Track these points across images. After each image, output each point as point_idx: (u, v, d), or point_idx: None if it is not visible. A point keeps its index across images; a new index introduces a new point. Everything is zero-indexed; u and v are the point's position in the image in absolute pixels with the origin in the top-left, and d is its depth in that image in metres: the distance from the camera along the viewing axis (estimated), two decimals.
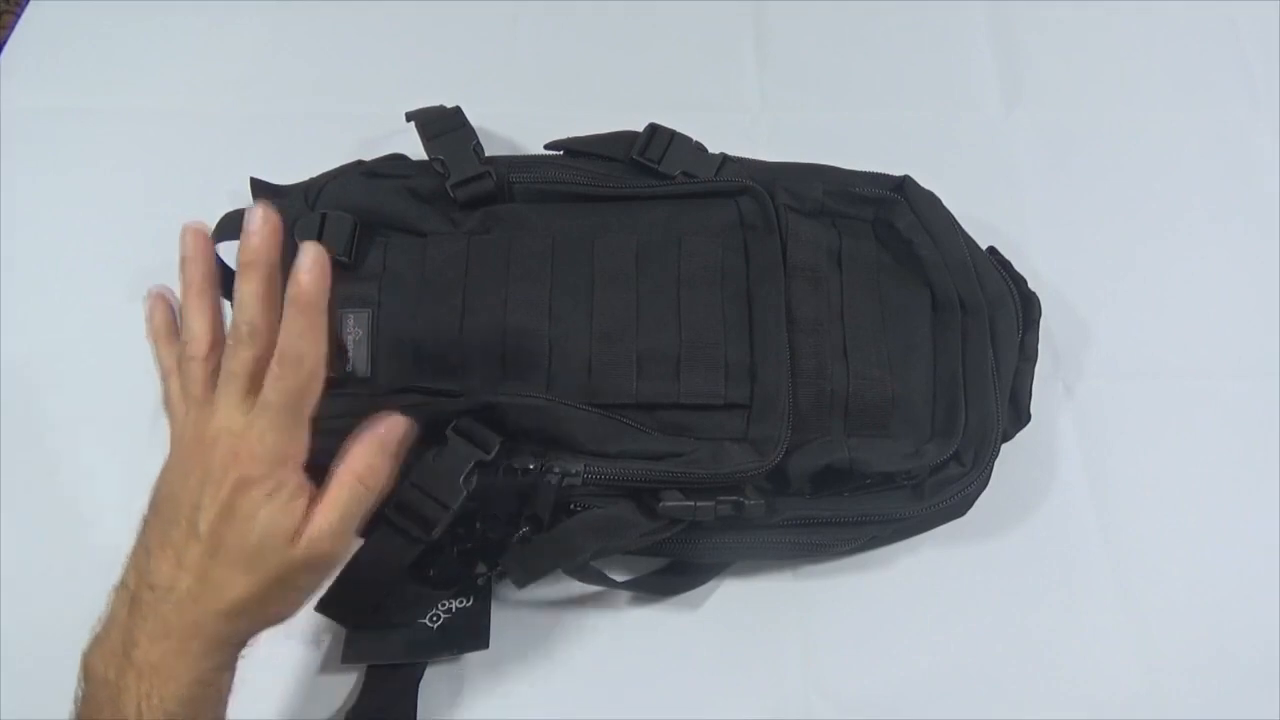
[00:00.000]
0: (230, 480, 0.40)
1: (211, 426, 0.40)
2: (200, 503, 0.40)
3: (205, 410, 0.41)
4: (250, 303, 0.41)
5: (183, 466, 0.41)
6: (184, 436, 0.42)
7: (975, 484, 0.52)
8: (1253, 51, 0.73)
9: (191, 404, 0.42)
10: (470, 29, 0.73)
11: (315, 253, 0.40)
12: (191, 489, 0.40)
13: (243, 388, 0.40)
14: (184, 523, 0.40)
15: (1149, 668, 0.53)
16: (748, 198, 0.55)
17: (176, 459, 0.42)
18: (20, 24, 0.73)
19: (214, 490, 0.40)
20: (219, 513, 0.40)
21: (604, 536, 0.49)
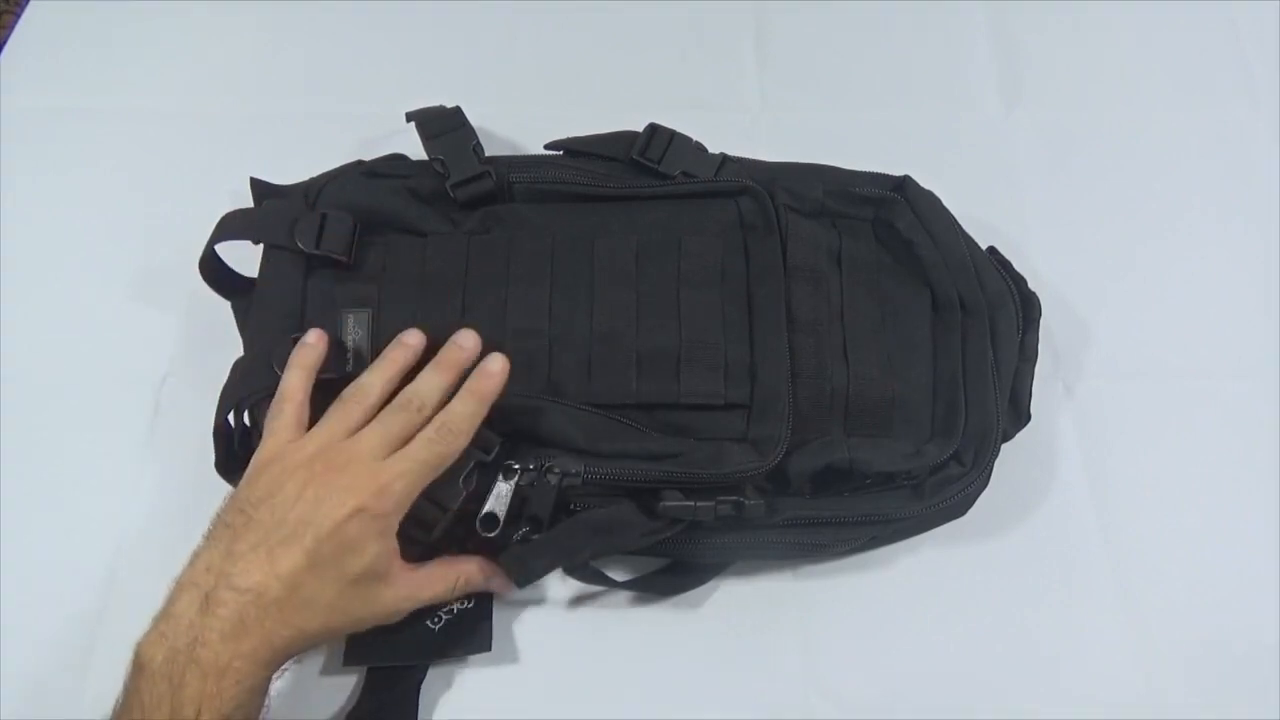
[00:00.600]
0: (351, 504, 0.42)
1: (346, 454, 0.44)
2: (311, 518, 0.42)
3: (340, 443, 0.44)
4: (434, 393, 0.47)
5: (297, 480, 0.43)
6: (301, 453, 0.44)
7: (975, 484, 0.52)
8: (1253, 51, 0.73)
9: (328, 430, 0.45)
10: (470, 29, 0.73)
11: (504, 364, 0.48)
12: (304, 502, 0.42)
13: (392, 446, 0.45)
14: (288, 532, 0.41)
15: (1149, 668, 0.53)
16: (748, 198, 0.55)
17: (285, 472, 0.43)
18: (20, 24, 0.73)
19: (331, 508, 0.42)
20: (330, 530, 0.42)
21: (604, 536, 0.49)
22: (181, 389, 0.59)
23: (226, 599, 0.40)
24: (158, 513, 0.56)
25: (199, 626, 0.40)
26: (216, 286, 0.56)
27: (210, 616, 0.40)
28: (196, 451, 0.52)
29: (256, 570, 0.41)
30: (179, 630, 0.40)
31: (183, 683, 0.39)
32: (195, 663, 0.39)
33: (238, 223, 0.56)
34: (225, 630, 0.40)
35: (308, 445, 0.45)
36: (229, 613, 0.40)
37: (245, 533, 0.42)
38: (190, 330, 0.61)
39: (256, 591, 0.40)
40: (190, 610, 0.40)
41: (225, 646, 0.40)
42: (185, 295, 0.61)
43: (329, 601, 0.42)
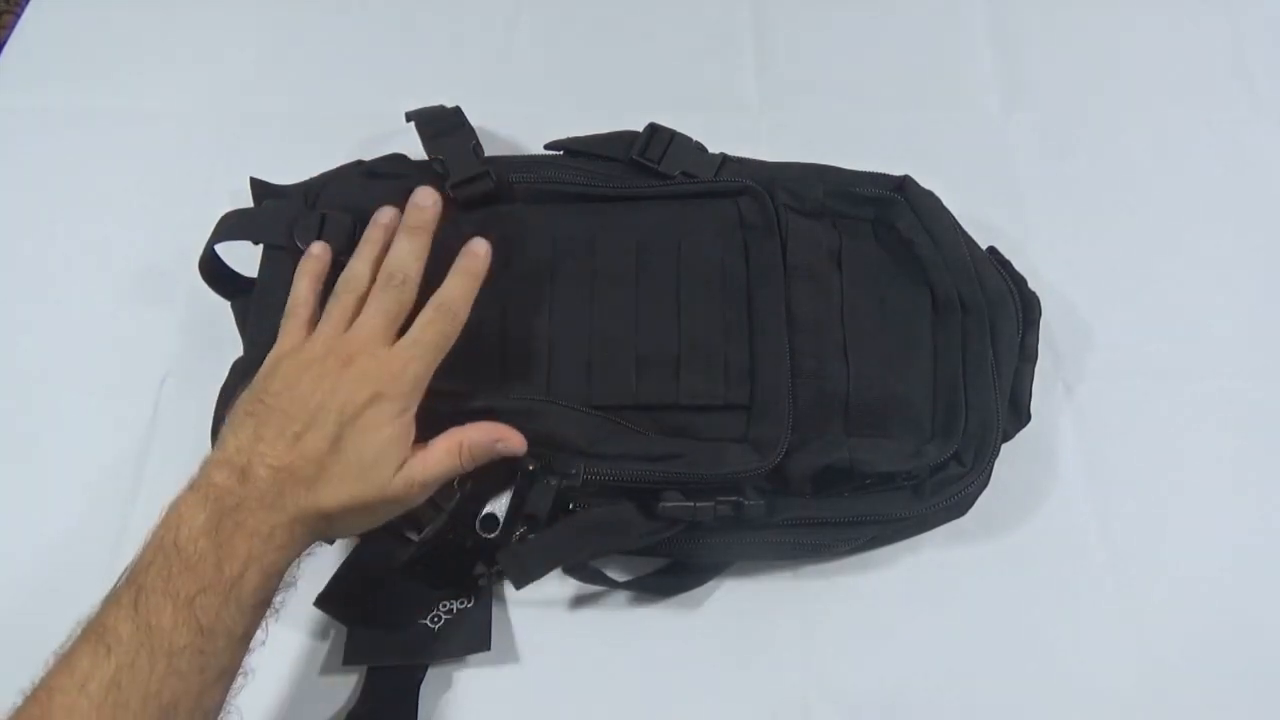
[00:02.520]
0: (368, 392, 0.44)
1: (351, 346, 0.45)
2: (330, 405, 0.43)
3: (343, 334, 0.46)
4: (409, 259, 0.48)
5: (312, 373, 0.45)
6: (312, 350, 0.46)
7: (975, 484, 0.52)
8: (1253, 51, 0.73)
9: (330, 326, 0.47)
10: (470, 29, 0.73)
11: (487, 245, 0.49)
12: (322, 392, 0.44)
13: (390, 324, 0.46)
14: (309, 418, 0.43)
15: (1149, 668, 0.53)
16: (747, 198, 0.55)
17: (300, 366, 0.45)
18: (20, 24, 0.73)
19: (348, 396, 0.44)
20: (351, 415, 0.43)
21: (604, 536, 0.49)
22: (181, 389, 0.59)
23: (262, 474, 0.42)
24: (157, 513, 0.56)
25: (240, 494, 0.41)
26: (216, 286, 0.56)
27: (249, 486, 0.42)
28: (196, 451, 0.51)
29: (285, 453, 0.43)
30: (221, 495, 0.41)
31: (229, 541, 0.40)
32: (240, 525, 0.41)
33: (237, 223, 0.56)
34: (265, 499, 0.42)
35: (316, 342, 0.46)
36: (266, 485, 0.42)
37: (269, 419, 0.43)
38: (190, 330, 0.61)
39: (289, 469, 0.42)
40: (230, 480, 0.42)
41: (266, 514, 0.41)
42: (185, 295, 0.61)
43: (350, 483, 0.43)
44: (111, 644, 0.38)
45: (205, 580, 0.40)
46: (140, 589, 0.39)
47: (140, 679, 0.37)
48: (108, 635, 0.38)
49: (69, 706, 0.37)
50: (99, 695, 0.37)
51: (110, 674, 0.37)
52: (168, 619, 0.39)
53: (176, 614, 0.39)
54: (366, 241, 0.50)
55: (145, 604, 0.39)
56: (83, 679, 0.37)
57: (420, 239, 0.48)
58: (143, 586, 0.39)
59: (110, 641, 0.38)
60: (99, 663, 0.38)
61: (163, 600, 0.39)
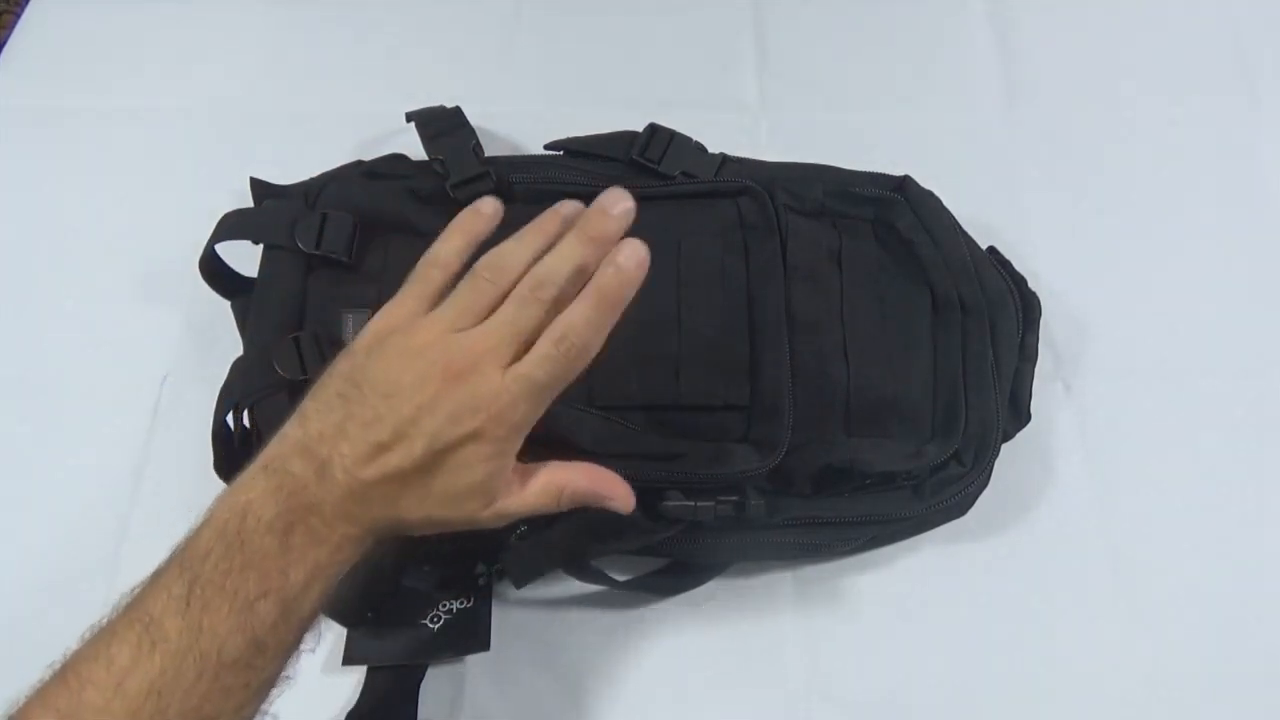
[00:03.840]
0: (468, 427, 0.38)
1: (467, 357, 0.39)
2: (424, 424, 0.38)
3: (459, 335, 0.39)
4: (565, 270, 0.40)
5: (416, 370, 0.39)
6: (424, 338, 0.40)
7: (975, 484, 0.52)
8: (1253, 51, 0.73)
9: (454, 314, 0.40)
10: (470, 29, 0.73)
11: (644, 255, 0.40)
12: (420, 401, 0.38)
13: (516, 342, 0.39)
14: (399, 429, 0.38)
15: (1149, 668, 0.53)
16: (747, 198, 0.55)
17: (407, 356, 0.39)
18: (20, 24, 0.73)
19: (446, 423, 0.38)
20: (444, 446, 0.38)
21: (604, 536, 0.49)
22: (181, 389, 0.59)
23: (340, 477, 0.38)
24: (158, 513, 0.56)
25: (316, 494, 0.37)
26: (216, 286, 0.56)
27: (326, 487, 0.38)
28: (196, 451, 0.52)
29: (368, 461, 0.38)
30: (297, 491, 0.37)
31: (300, 547, 0.37)
32: (312, 532, 0.37)
33: (238, 223, 0.56)
34: (341, 509, 0.38)
35: (432, 328, 0.40)
36: (342, 489, 0.38)
37: (358, 411, 0.39)
38: (190, 330, 0.61)
39: (367, 480, 0.38)
40: (308, 474, 0.38)
41: (340, 524, 0.38)
42: (185, 295, 0.61)
43: (433, 506, 0.39)
44: (157, 640, 0.34)
45: (268, 584, 0.36)
46: (195, 580, 0.35)
47: (183, 688, 0.34)
48: (153, 629, 0.35)
49: (101, 707, 0.33)
50: (136, 699, 0.34)
51: (152, 677, 0.34)
52: (222, 623, 0.35)
53: (233, 618, 0.35)
54: (537, 229, 0.43)
55: (199, 599, 0.35)
56: (120, 675, 0.34)
57: (590, 250, 0.41)
58: (198, 578, 0.36)
59: (156, 637, 0.34)
60: (140, 660, 0.34)
61: (219, 599, 0.35)
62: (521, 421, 0.40)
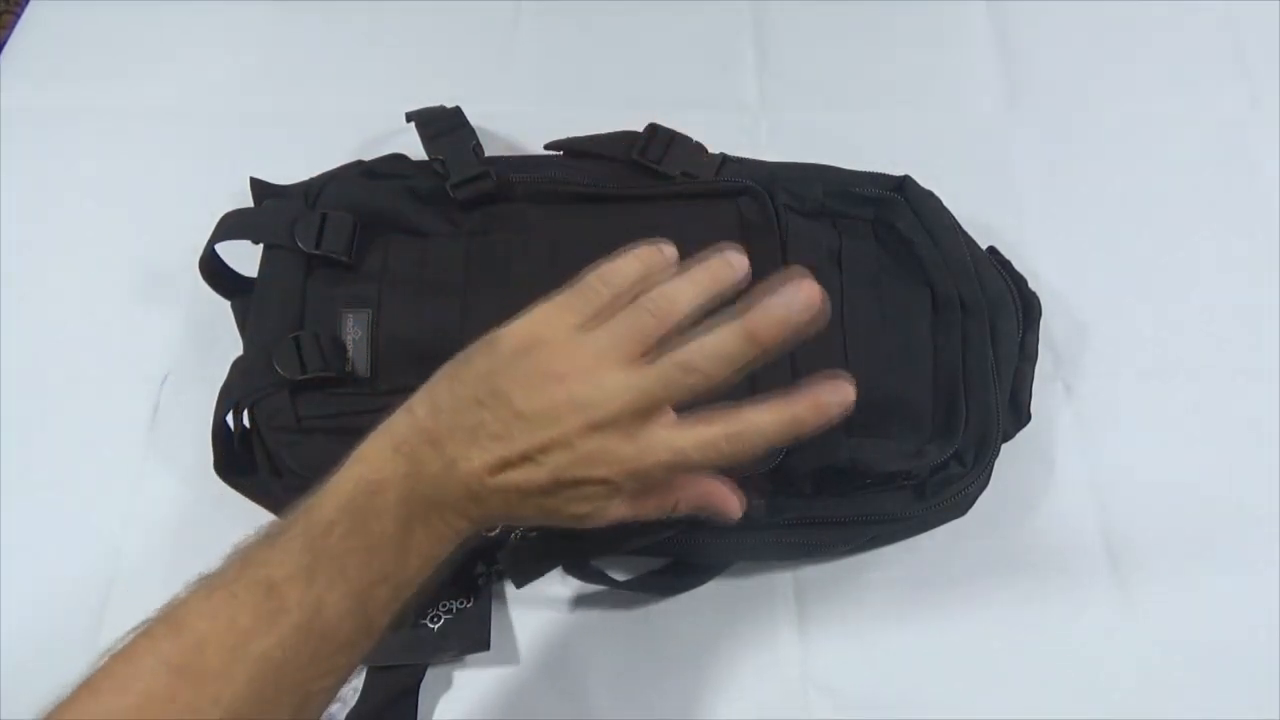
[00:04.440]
0: (601, 472, 0.37)
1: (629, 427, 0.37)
2: (557, 455, 0.37)
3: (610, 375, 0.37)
4: (736, 361, 0.38)
5: (563, 393, 0.37)
6: (579, 360, 0.37)
7: (975, 484, 0.52)
8: (1253, 51, 0.73)
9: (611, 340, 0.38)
10: (470, 29, 0.73)
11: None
12: (557, 436, 0.37)
13: (668, 400, 0.38)
14: (530, 449, 0.37)
15: (1149, 667, 0.53)
16: (747, 198, 0.55)
17: (556, 374, 0.37)
18: (20, 24, 0.73)
19: (581, 465, 0.37)
20: (573, 481, 0.37)
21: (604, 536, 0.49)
22: (181, 389, 0.59)
23: (463, 476, 0.37)
24: (158, 512, 0.56)
25: (439, 485, 0.37)
26: (216, 286, 0.56)
27: (451, 486, 0.37)
28: (196, 451, 0.52)
29: (491, 470, 0.37)
30: (423, 479, 0.37)
31: (418, 536, 0.37)
32: (429, 524, 0.37)
33: (238, 222, 0.56)
34: (458, 505, 0.38)
35: (587, 348, 0.38)
36: (462, 489, 0.37)
37: (492, 422, 0.37)
38: (190, 330, 0.61)
39: (490, 486, 0.37)
40: (436, 465, 0.37)
41: (454, 519, 0.38)
42: (185, 295, 0.61)
43: (544, 516, 0.39)
44: (279, 610, 0.34)
45: (386, 571, 0.36)
46: (319, 554, 0.35)
47: (300, 663, 0.34)
48: (275, 595, 0.34)
49: (220, 671, 0.32)
50: (254, 665, 0.33)
51: (272, 646, 0.33)
52: (341, 603, 0.34)
53: (350, 601, 0.35)
54: (708, 273, 0.39)
55: (323, 575, 0.34)
56: (240, 638, 0.33)
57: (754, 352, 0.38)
58: (322, 551, 0.35)
59: (277, 606, 0.34)
60: (260, 627, 0.33)
61: (340, 579, 0.35)
62: (652, 482, 0.39)
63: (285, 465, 0.50)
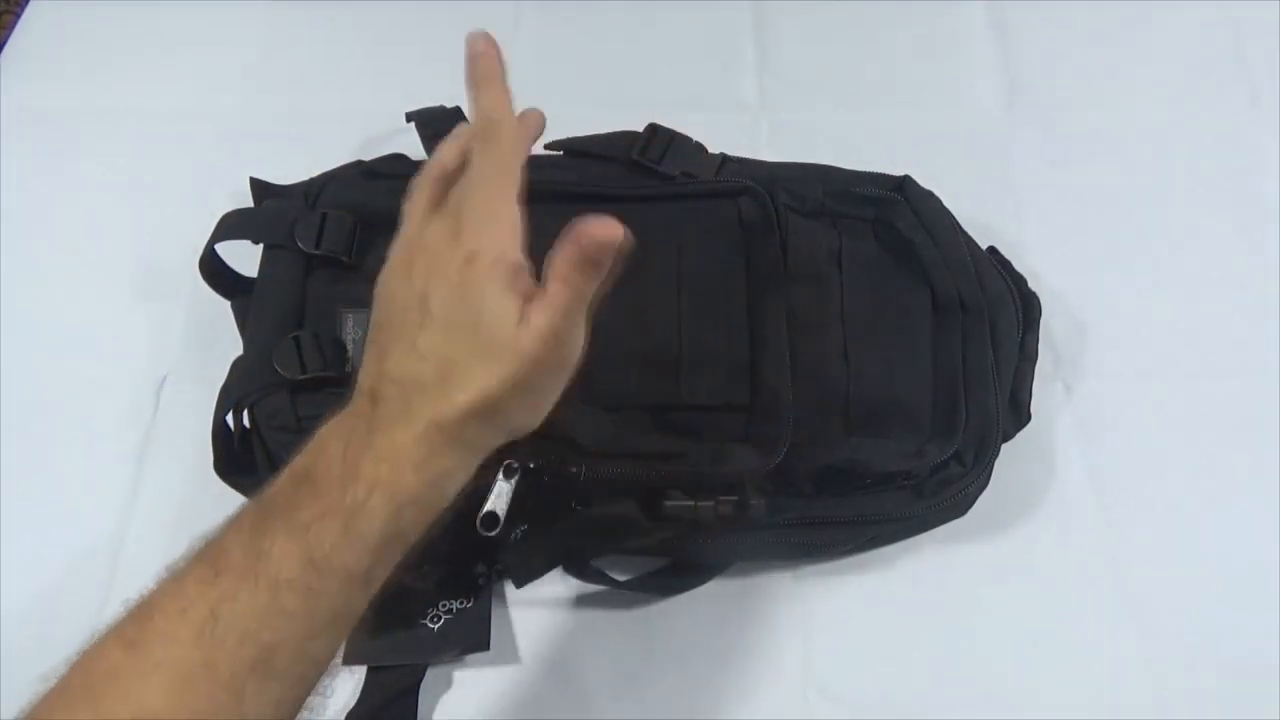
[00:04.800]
0: (458, 257, 0.39)
1: (433, 228, 0.41)
2: (428, 288, 0.39)
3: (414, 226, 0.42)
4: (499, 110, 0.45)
5: (406, 264, 0.41)
6: (408, 239, 0.42)
7: (975, 484, 0.52)
8: (1253, 51, 0.73)
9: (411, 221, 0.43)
10: (470, 29, 0.73)
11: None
12: (417, 278, 0.40)
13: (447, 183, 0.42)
14: (414, 312, 0.39)
15: (1149, 667, 0.53)
16: (748, 198, 0.55)
17: (400, 261, 0.41)
18: (20, 24, 0.73)
19: (442, 269, 0.39)
20: (449, 290, 0.39)
21: (604, 535, 0.49)
22: (181, 389, 0.59)
23: (389, 392, 0.39)
24: (158, 512, 0.56)
25: (370, 416, 0.38)
26: (216, 286, 0.56)
27: (380, 406, 0.38)
28: (196, 451, 0.52)
29: (405, 359, 0.39)
30: (355, 422, 0.38)
31: (355, 463, 0.37)
32: (369, 446, 0.37)
33: (238, 222, 0.56)
34: (394, 415, 0.38)
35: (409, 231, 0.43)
36: (395, 401, 0.38)
37: (383, 331, 0.40)
38: (190, 330, 0.61)
39: (412, 378, 0.38)
40: (363, 405, 0.39)
41: (396, 431, 0.38)
42: (185, 295, 0.61)
43: (484, 372, 0.38)
44: (220, 569, 0.35)
45: (326, 504, 0.36)
46: (264, 513, 0.36)
47: (241, 612, 0.34)
48: (219, 558, 0.35)
49: (167, 634, 0.34)
50: (197, 624, 0.33)
51: (212, 602, 0.34)
52: (279, 545, 0.35)
53: (290, 541, 0.35)
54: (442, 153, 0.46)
55: (262, 527, 0.36)
56: (186, 603, 0.34)
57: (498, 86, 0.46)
58: (267, 511, 0.36)
59: (220, 565, 0.35)
60: (204, 588, 0.34)
61: (278, 524, 0.36)
62: (492, 214, 0.41)
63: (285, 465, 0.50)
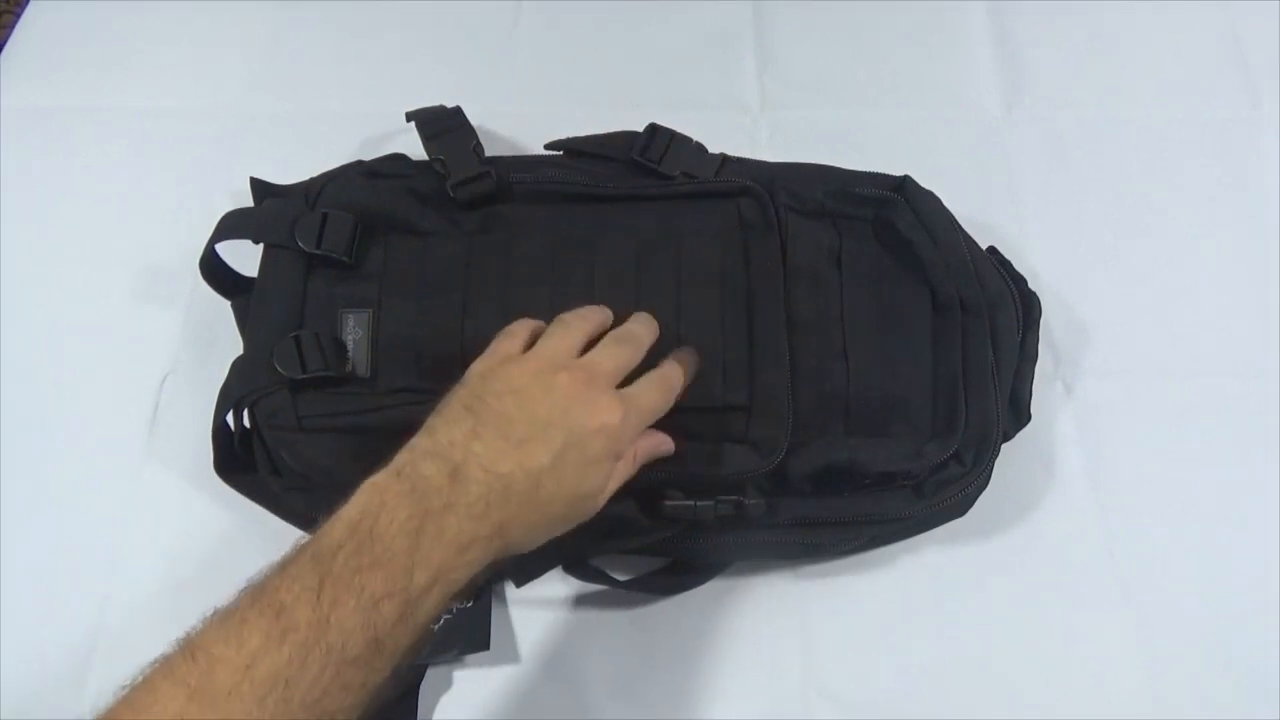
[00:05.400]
0: (600, 421, 0.42)
1: (588, 370, 0.43)
2: (560, 422, 0.41)
3: (578, 358, 0.44)
4: (647, 328, 0.48)
5: (542, 383, 0.42)
6: (540, 361, 0.43)
7: (975, 484, 0.52)
8: (1253, 51, 0.73)
9: (559, 343, 0.45)
10: (470, 29, 0.73)
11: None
12: (552, 405, 0.41)
13: (619, 372, 0.45)
14: (536, 428, 0.41)
15: (1149, 667, 0.53)
16: (747, 198, 0.55)
17: (528, 374, 0.43)
18: (20, 24, 0.73)
19: (581, 418, 0.41)
20: (579, 439, 0.41)
21: (604, 535, 0.49)
22: (181, 389, 0.59)
23: (477, 476, 0.39)
24: (158, 512, 0.56)
25: (449, 496, 0.38)
26: (216, 286, 0.56)
27: (460, 488, 0.38)
28: (196, 451, 0.52)
29: (505, 459, 0.39)
30: (429, 493, 0.38)
31: (428, 547, 0.37)
32: (442, 533, 0.38)
33: (238, 222, 0.56)
34: (473, 508, 0.38)
35: (542, 355, 0.44)
36: (478, 491, 0.39)
37: (489, 419, 0.41)
38: (190, 330, 0.61)
39: (506, 480, 0.39)
40: (441, 477, 0.38)
41: (471, 525, 0.38)
42: (185, 295, 0.61)
43: (559, 507, 0.41)
44: (287, 629, 0.34)
45: (393, 585, 0.36)
46: (326, 575, 0.36)
47: (309, 680, 0.34)
48: (284, 617, 0.35)
49: (232, 687, 0.33)
50: (264, 684, 0.33)
51: (280, 665, 0.34)
52: (349, 619, 0.35)
53: (358, 616, 0.35)
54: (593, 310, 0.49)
55: (329, 594, 0.35)
56: (250, 659, 0.34)
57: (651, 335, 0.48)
58: (329, 572, 0.36)
59: (286, 626, 0.35)
60: (270, 647, 0.34)
61: (347, 594, 0.35)
62: (635, 431, 0.44)
63: (285, 465, 0.50)
